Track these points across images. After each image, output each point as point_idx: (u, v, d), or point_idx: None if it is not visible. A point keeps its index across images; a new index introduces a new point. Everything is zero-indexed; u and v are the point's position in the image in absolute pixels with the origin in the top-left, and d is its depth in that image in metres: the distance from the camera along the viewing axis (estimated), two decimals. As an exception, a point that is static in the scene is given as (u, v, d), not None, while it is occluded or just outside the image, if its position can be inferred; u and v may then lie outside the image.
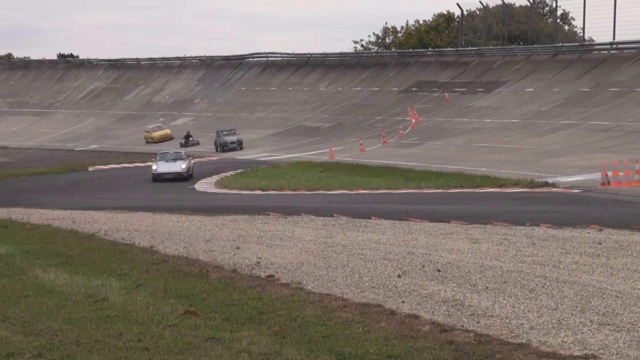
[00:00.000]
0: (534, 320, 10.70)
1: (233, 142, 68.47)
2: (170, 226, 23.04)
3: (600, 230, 18.97)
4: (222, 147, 68.13)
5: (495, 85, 68.14)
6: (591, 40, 71.05)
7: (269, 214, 25.39)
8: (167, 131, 79.53)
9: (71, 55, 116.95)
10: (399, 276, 13.99)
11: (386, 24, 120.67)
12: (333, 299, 12.27)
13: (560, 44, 70.40)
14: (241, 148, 67.80)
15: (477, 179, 35.59)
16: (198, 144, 72.68)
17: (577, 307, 11.32)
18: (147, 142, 77.32)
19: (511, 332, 10.18)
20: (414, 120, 64.39)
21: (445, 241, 18.02)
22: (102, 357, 9.17)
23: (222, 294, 12.61)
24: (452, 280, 13.52)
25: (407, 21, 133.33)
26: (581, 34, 73.56)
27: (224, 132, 70.08)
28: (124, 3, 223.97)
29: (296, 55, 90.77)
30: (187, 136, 73.41)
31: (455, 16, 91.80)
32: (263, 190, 38.81)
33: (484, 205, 26.63)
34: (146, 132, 79.26)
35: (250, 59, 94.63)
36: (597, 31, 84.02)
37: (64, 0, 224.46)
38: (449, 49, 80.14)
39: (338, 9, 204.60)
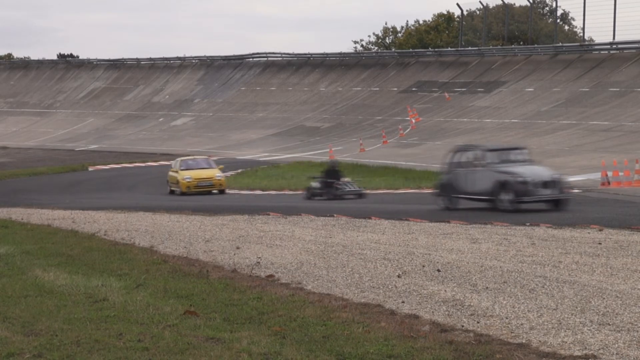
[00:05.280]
0: (534, 320, 10.69)
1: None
2: (170, 226, 23.04)
3: (600, 230, 18.98)
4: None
5: (495, 85, 68.11)
6: (591, 40, 71.00)
7: (269, 214, 25.38)
8: None
9: (71, 55, 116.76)
10: (399, 276, 13.99)
11: (386, 24, 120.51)
12: (333, 299, 12.26)
13: (560, 44, 70.34)
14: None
15: (477, 179, 35.53)
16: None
17: (577, 307, 11.32)
18: None
19: (511, 332, 10.18)
20: (414, 120, 64.34)
21: (445, 241, 18.01)
22: (102, 357, 9.17)
23: (222, 294, 12.61)
24: (452, 280, 13.51)
25: (407, 21, 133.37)
26: (581, 34, 73.54)
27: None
28: (124, 3, 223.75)
29: (296, 55, 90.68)
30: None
31: (455, 16, 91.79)
32: (263, 190, 38.79)
33: (484, 205, 26.61)
34: None
35: (250, 59, 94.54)
36: (597, 31, 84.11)
37: (63, 0, 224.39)
38: (449, 49, 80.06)
39: (338, 9, 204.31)
